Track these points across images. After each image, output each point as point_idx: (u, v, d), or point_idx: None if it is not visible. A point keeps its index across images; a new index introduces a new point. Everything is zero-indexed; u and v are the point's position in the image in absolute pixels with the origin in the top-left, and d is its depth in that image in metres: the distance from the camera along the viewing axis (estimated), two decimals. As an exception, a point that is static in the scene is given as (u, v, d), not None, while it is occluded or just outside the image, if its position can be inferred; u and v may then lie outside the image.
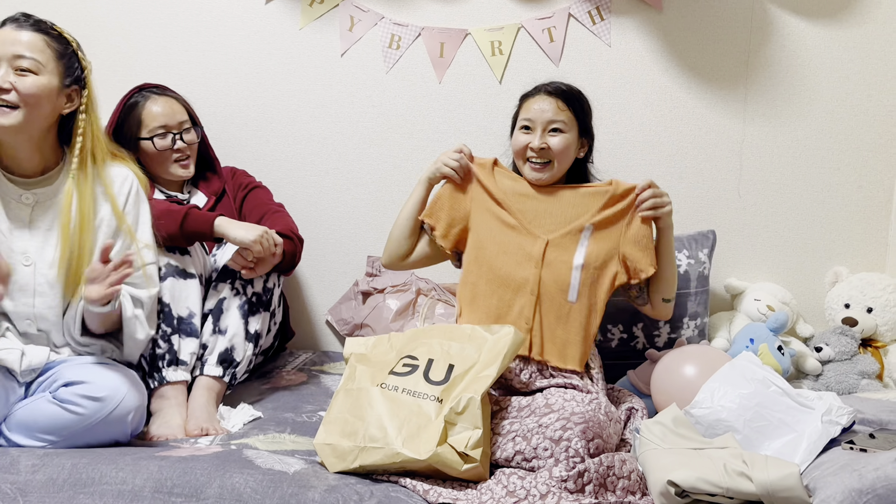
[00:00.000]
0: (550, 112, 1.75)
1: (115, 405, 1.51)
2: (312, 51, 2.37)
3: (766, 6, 2.28)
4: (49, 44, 1.58)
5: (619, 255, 1.75)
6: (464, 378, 1.49)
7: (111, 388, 1.52)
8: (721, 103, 2.32)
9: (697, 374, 1.77)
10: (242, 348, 1.86)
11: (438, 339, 1.58)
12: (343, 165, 2.42)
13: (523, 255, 1.74)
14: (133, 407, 1.54)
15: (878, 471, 1.30)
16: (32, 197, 1.62)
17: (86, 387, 1.51)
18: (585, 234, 1.74)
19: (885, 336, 2.21)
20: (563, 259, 1.73)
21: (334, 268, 2.45)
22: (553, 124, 1.75)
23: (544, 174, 1.76)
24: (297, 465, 1.43)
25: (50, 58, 1.57)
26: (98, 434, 1.52)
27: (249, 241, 1.80)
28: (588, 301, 1.73)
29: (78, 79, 1.62)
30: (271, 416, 1.79)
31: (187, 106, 2.08)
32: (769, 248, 2.37)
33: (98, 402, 1.49)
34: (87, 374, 1.54)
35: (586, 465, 1.36)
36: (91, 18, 2.38)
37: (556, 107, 1.76)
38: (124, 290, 1.63)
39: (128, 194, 1.71)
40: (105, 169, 1.68)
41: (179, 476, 1.34)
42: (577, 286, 1.71)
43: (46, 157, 1.64)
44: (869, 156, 2.30)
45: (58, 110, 1.60)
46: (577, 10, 2.30)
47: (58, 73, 1.58)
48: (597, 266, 1.74)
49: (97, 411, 1.49)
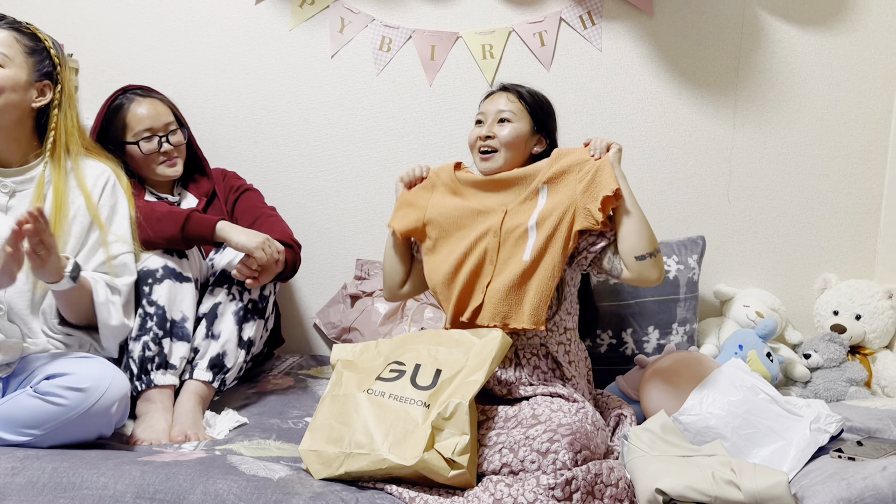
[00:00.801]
0: (500, 104, 1.78)
1: (100, 395, 1.49)
2: (302, 52, 2.36)
3: (756, 13, 2.29)
4: (18, 40, 1.67)
5: (575, 206, 1.66)
6: (451, 383, 1.48)
7: (94, 379, 1.50)
8: (711, 109, 2.32)
9: (686, 381, 1.76)
10: (234, 354, 1.84)
11: (426, 345, 1.57)
12: (333, 168, 2.40)
13: (482, 230, 1.72)
14: (117, 397, 1.51)
15: (867, 480, 1.30)
16: (11, 185, 1.67)
17: (68, 378, 1.49)
18: (542, 194, 1.71)
19: (873, 343, 2.21)
20: (519, 222, 1.70)
21: (323, 271, 2.43)
22: (501, 114, 1.77)
23: (491, 163, 1.76)
24: (281, 471, 1.41)
25: (18, 52, 1.66)
26: (82, 426, 1.49)
27: (251, 248, 1.79)
28: (545, 260, 1.65)
29: (49, 74, 1.69)
30: (257, 421, 1.77)
31: (173, 107, 2.06)
32: (758, 254, 2.37)
33: (81, 392, 1.47)
34: (68, 366, 1.53)
35: (574, 473, 1.35)
36: (79, 18, 2.36)
37: (507, 99, 1.79)
38: (98, 277, 1.66)
39: (103, 188, 1.74)
40: (80, 163, 1.74)
41: (162, 482, 1.32)
42: (532, 245, 1.66)
43: (24, 148, 1.70)
44: (858, 163, 2.31)
45: (27, 102, 1.67)
46: (568, 15, 2.29)
47: (26, 68, 1.66)
48: (554, 220, 1.66)
49: (81, 402, 1.47)
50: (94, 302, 1.65)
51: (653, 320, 2.15)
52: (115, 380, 1.53)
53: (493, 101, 1.81)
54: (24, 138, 1.70)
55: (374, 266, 2.38)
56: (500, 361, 1.55)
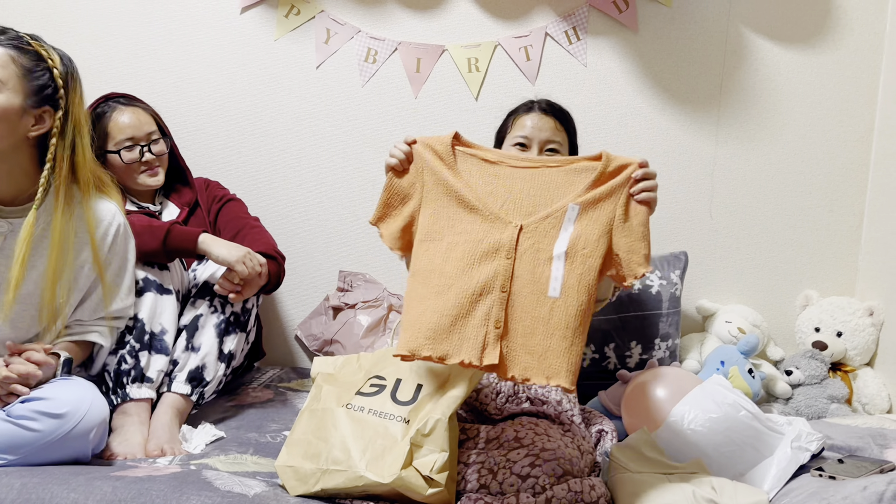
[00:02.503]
0: (548, 132, 1.73)
1: (77, 421, 1.44)
2: (287, 62, 2.35)
3: (740, 30, 2.30)
4: (15, 60, 1.47)
5: (608, 241, 1.42)
6: (432, 398, 1.46)
7: (72, 404, 1.45)
8: (694, 125, 2.33)
9: (668, 397, 1.76)
10: (214, 368, 1.81)
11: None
12: (316, 179, 2.39)
13: (490, 245, 1.42)
14: (95, 423, 1.48)
15: (847, 499, 1.29)
16: (7, 225, 1.53)
17: (44, 403, 1.44)
18: (570, 216, 1.42)
19: (854, 360, 2.22)
20: (541, 247, 1.41)
21: (305, 282, 2.41)
22: (550, 144, 1.73)
23: None
24: (257, 487, 1.39)
25: (13, 75, 1.47)
26: (58, 452, 1.45)
27: (232, 261, 1.77)
28: (576, 298, 1.38)
29: (50, 99, 1.51)
30: (234, 435, 1.74)
31: (156, 116, 2.04)
32: (740, 271, 2.37)
33: (58, 419, 1.43)
34: (45, 390, 1.48)
35: (554, 492, 1.33)
36: (61, 24, 2.34)
37: (554, 126, 1.75)
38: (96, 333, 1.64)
39: (114, 237, 1.64)
40: (91, 205, 1.58)
41: (134, 497, 1.29)
42: (560, 278, 1.38)
43: (20, 183, 1.53)
44: (840, 180, 2.33)
45: (21, 132, 1.49)
46: (553, 30, 2.30)
47: (21, 92, 1.47)
48: (585, 254, 1.40)
49: (56, 429, 1.43)
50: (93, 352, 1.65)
51: (635, 335, 2.15)
52: (93, 405, 1.49)
53: (536, 124, 1.74)
54: (22, 171, 1.53)
55: (357, 278, 2.37)
56: (481, 377, 1.54)
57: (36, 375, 1.48)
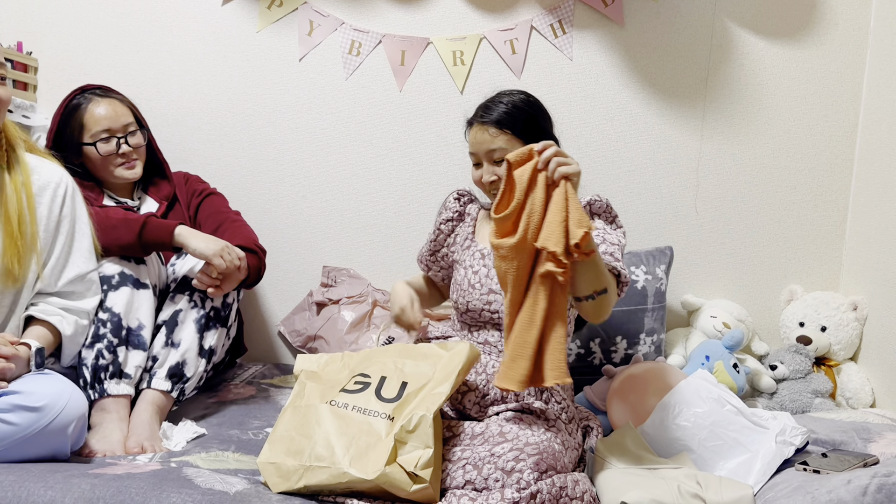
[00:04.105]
0: (486, 143, 1.66)
1: (55, 415, 1.41)
2: (270, 54, 2.32)
3: (726, 25, 2.30)
4: None
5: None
6: (417, 395, 1.45)
7: (50, 397, 1.42)
8: (680, 120, 2.33)
9: (653, 392, 1.76)
10: (194, 364, 1.79)
11: (393, 358, 1.54)
12: (299, 172, 2.36)
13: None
14: (74, 417, 1.45)
15: (831, 493, 1.29)
16: None
17: (21, 397, 1.41)
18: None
19: (838, 355, 2.22)
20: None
21: (288, 277, 2.39)
22: (493, 154, 1.66)
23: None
24: (239, 484, 1.36)
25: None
26: (36, 447, 1.42)
27: (209, 255, 1.74)
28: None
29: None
30: (216, 432, 1.72)
31: (133, 107, 2.01)
32: (725, 265, 2.37)
33: (35, 412, 1.40)
34: (22, 384, 1.45)
35: (538, 487, 1.32)
36: (38, 15, 2.30)
37: (489, 135, 1.65)
38: (63, 316, 1.61)
39: (63, 197, 1.65)
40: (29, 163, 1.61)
41: (112, 496, 1.26)
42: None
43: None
44: (824, 176, 2.33)
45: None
46: (539, 23, 2.29)
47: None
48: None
49: (34, 422, 1.40)
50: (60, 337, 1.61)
51: (620, 330, 2.14)
52: (72, 398, 1.46)
53: (477, 140, 1.67)
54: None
55: (341, 273, 2.35)
56: (466, 373, 1.52)
57: (9, 368, 1.46)
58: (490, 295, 1.66)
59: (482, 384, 1.62)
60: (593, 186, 2.30)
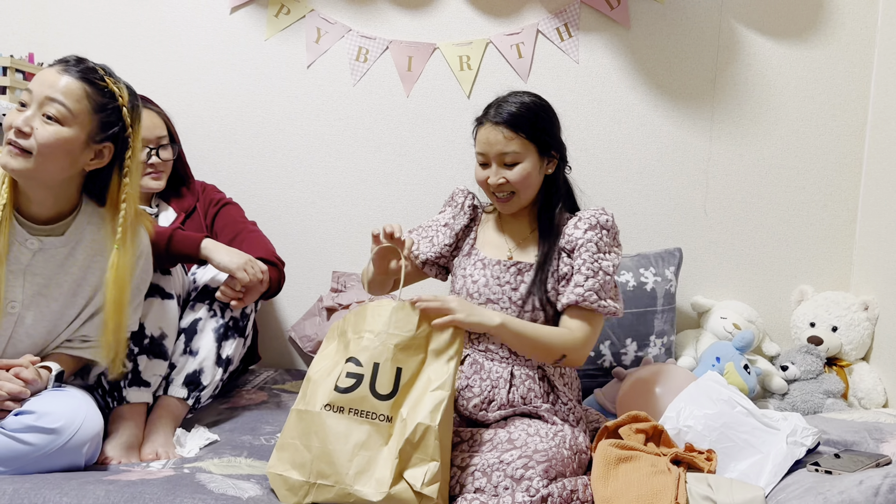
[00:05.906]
0: (500, 144, 1.62)
1: (71, 435, 1.42)
2: (278, 62, 2.34)
3: (733, 26, 2.30)
4: (89, 94, 1.46)
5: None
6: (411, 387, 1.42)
7: (66, 418, 1.43)
8: (688, 121, 2.33)
9: (663, 394, 1.76)
10: (211, 372, 1.80)
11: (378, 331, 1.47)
12: (308, 179, 2.38)
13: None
14: (89, 437, 1.46)
15: (843, 494, 1.29)
16: (37, 243, 1.52)
17: (37, 417, 1.42)
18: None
19: (849, 355, 2.21)
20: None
21: (298, 283, 2.40)
22: (505, 157, 1.63)
23: (511, 205, 1.67)
24: (252, 490, 1.38)
25: (84, 109, 1.45)
26: (51, 464, 1.43)
27: (234, 268, 1.76)
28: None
29: (114, 136, 1.50)
30: (228, 438, 1.73)
31: (167, 121, 2.04)
32: (735, 266, 2.37)
33: (51, 434, 1.41)
34: (38, 404, 1.45)
35: (549, 490, 1.33)
36: (49, 26, 2.32)
37: (504, 137, 1.62)
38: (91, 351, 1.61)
39: (143, 265, 1.65)
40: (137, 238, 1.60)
41: (127, 501, 1.28)
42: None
43: (61, 205, 1.54)
44: (834, 175, 2.32)
45: (79, 165, 1.49)
46: (545, 27, 2.29)
47: (87, 127, 1.46)
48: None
49: (49, 443, 1.41)
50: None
51: (630, 332, 2.14)
52: (87, 418, 1.47)
53: (489, 141, 1.63)
54: (65, 196, 1.53)
55: (351, 278, 2.36)
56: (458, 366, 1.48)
57: (24, 393, 1.46)
58: (489, 305, 1.65)
59: (487, 390, 1.61)
60: (602, 189, 2.31)
